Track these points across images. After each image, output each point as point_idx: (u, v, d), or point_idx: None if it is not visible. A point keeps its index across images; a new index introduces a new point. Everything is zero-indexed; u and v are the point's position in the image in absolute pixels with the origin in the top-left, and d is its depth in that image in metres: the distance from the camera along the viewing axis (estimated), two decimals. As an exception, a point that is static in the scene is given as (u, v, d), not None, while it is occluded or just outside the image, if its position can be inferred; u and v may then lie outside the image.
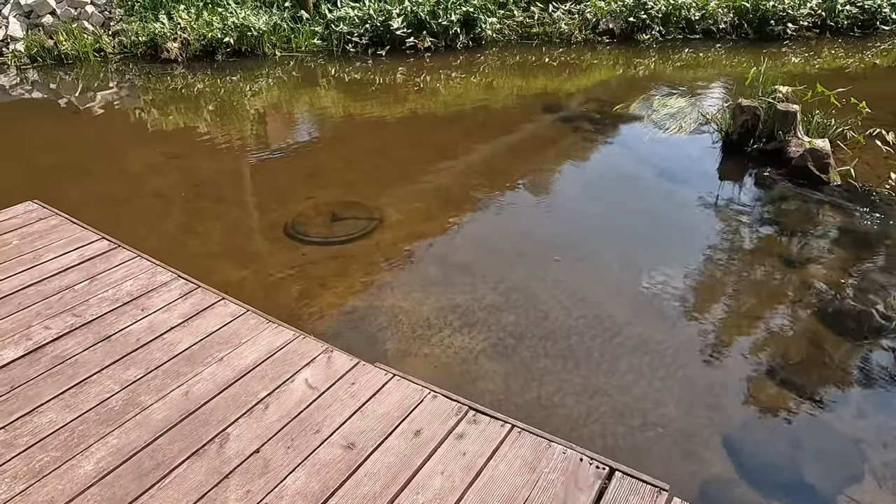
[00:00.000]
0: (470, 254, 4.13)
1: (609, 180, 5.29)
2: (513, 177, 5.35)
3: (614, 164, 5.59)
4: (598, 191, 5.10)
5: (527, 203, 4.87)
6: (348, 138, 6.30)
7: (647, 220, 4.65)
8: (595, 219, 4.66)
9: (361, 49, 9.39)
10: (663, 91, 7.67)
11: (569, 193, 5.10)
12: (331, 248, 4.23)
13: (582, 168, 5.56)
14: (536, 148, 6.01)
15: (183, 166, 5.57)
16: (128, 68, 8.86)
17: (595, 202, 4.91)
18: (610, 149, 5.91)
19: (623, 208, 4.81)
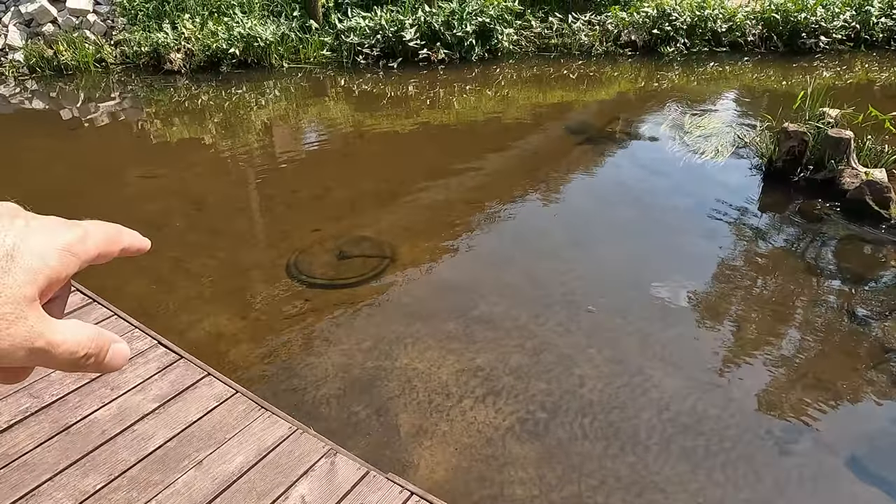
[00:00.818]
0: (493, 302, 3.69)
1: (642, 212, 4.83)
2: (536, 211, 4.91)
3: (647, 194, 5.13)
4: (630, 226, 4.64)
5: (553, 242, 4.42)
6: (358, 159, 5.89)
7: (688, 262, 4.18)
8: (630, 260, 4.20)
9: (372, 61, 8.99)
10: (692, 108, 7.20)
11: (598, 229, 4.64)
12: (338, 293, 3.80)
13: (611, 199, 5.11)
14: (561, 174, 5.57)
15: (180, 190, 5.17)
16: (129, 79, 8.51)
17: (628, 239, 4.45)
18: (641, 176, 5.46)
19: (659, 247, 4.35)
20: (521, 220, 4.72)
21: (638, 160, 5.72)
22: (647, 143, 6.17)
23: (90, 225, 0.44)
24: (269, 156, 6.13)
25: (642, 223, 4.65)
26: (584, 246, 4.36)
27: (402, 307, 3.66)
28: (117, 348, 0.43)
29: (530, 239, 4.42)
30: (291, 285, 3.88)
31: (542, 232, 4.52)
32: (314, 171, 5.62)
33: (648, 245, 4.36)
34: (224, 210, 4.86)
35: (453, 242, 4.37)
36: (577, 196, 5.13)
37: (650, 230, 4.55)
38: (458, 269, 4.06)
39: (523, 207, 4.93)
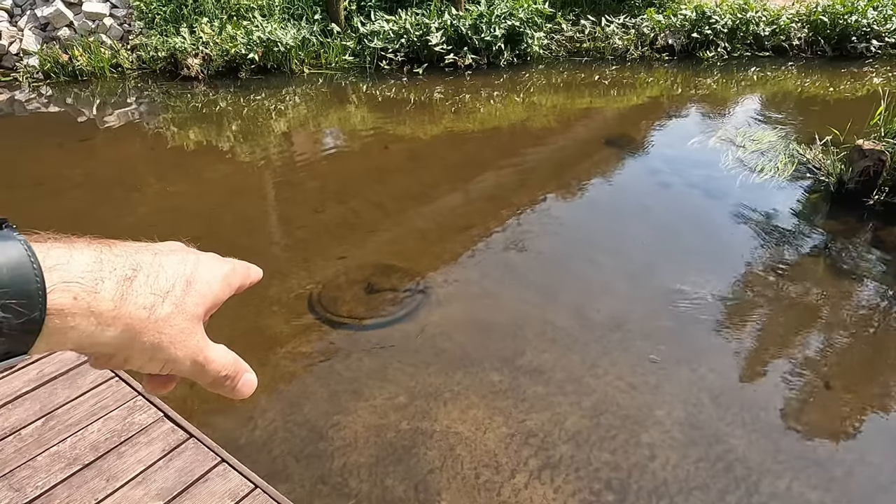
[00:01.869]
0: (541, 348, 3.27)
1: (703, 241, 4.38)
2: (581, 236, 4.48)
3: (706, 220, 4.67)
4: (691, 257, 4.19)
5: (604, 274, 3.99)
6: (384, 174, 5.50)
7: (762, 302, 3.73)
8: (693, 299, 3.75)
9: (396, 66, 8.60)
10: (739, 118, 6.71)
11: (655, 260, 4.19)
12: (367, 334, 3.41)
13: (666, 225, 4.65)
14: (606, 194, 5.13)
15: (194, 209, 4.82)
16: (145, 85, 8.22)
17: (690, 273, 4.00)
18: (695, 198, 4.99)
19: (727, 283, 3.89)
20: (564, 247, 4.29)
21: (690, 179, 5.26)
22: (695, 158, 5.70)
23: (234, 261, 0.55)
24: (290, 169, 5.76)
25: (705, 254, 4.20)
26: (639, 279, 3.92)
27: (440, 353, 3.25)
28: (248, 378, 0.54)
29: (578, 270, 3.99)
30: (315, 324, 3.49)
31: (591, 261, 4.09)
32: (337, 188, 5.24)
33: (715, 281, 3.90)
34: (240, 233, 4.50)
35: (491, 274, 3.95)
36: (627, 221, 4.69)
37: (715, 262, 4.10)
38: (500, 306, 3.65)
39: (566, 233, 4.51)
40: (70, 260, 0.41)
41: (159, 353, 0.44)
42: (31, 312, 0.38)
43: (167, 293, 0.45)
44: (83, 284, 0.41)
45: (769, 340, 3.36)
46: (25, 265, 0.38)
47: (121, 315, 0.42)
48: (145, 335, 0.43)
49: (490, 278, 3.91)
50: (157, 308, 0.44)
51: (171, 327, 0.44)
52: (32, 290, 0.38)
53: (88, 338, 0.41)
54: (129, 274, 0.44)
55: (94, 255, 0.43)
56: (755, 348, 3.30)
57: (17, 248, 0.39)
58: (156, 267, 0.46)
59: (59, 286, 0.40)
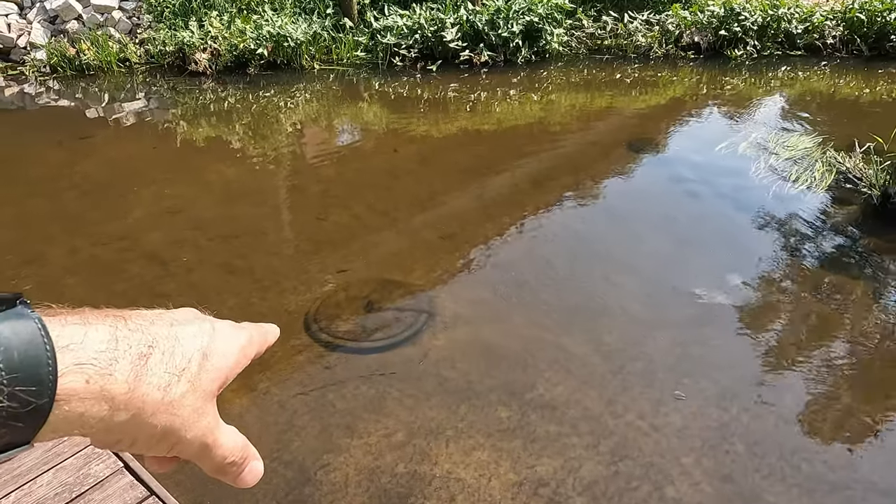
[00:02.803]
0: (553, 381, 2.97)
1: (735, 258, 4.04)
2: (601, 251, 4.17)
3: (733, 232, 4.33)
4: (717, 274, 3.85)
5: (622, 297, 3.67)
6: (392, 179, 5.22)
7: (800, 330, 3.39)
8: (722, 325, 3.43)
9: (409, 63, 8.31)
10: (771, 122, 6.32)
11: (682, 278, 3.87)
12: (365, 359, 3.14)
13: (692, 238, 4.32)
14: (627, 203, 4.80)
15: (193, 214, 4.59)
16: (153, 80, 8.03)
17: (716, 295, 3.67)
18: (724, 208, 4.65)
19: (757, 306, 3.56)
20: (581, 263, 3.98)
21: (718, 189, 4.90)
22: (724, 165, 5.34)
23: (250, 327, 0.51)
24: (293, 171, 5.52)
25: (735, 273, 3.85)
26: (662, 301, 3.60)
27: (443, 382, 2.97)
28: (254, 466, 0.48)
29: (595, 289, 3.68)
30: (310, 345, 3.23)
31: (610, 280, 3.78)
32: (342, 193, 4.98)
33: (747, 305, 3.57)
34: (239, 240, 4.25)
35: (502, 292, 3.66)
36: (650, 235, 4.36)
37: (746, 283, 3.75)
38: (510, 330, 3.36)
39: (584, 247, 4.20)
40: (84, 338, 0.39)
41: (170, 435, 0.42)
42: (39, 399, 0.36)
43: (183, 371, 0.43)
44: (97, 366, 0.38)
45: (810, 377, 3.03)
46: (38, 346, 0.36)
47: (134, 397, 0.40)
48: (158, 417, 0.41)
49: (501, 297, 3.62)
50: (172, 388, 0.42)
51: (184, 407, 0.42)
52: (43, 374, 0.36)
53: (98, 423, 0.39)
54: (145, 351, 0.41)
55: (109, 332, 0.40)
56: (794, 385, 2.97)
57: (30, 328, 0.37)
58: (171, 341, 0.43)
59: (72, 368, 0.37)
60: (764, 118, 6.58)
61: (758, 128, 6.16)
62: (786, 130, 6.03)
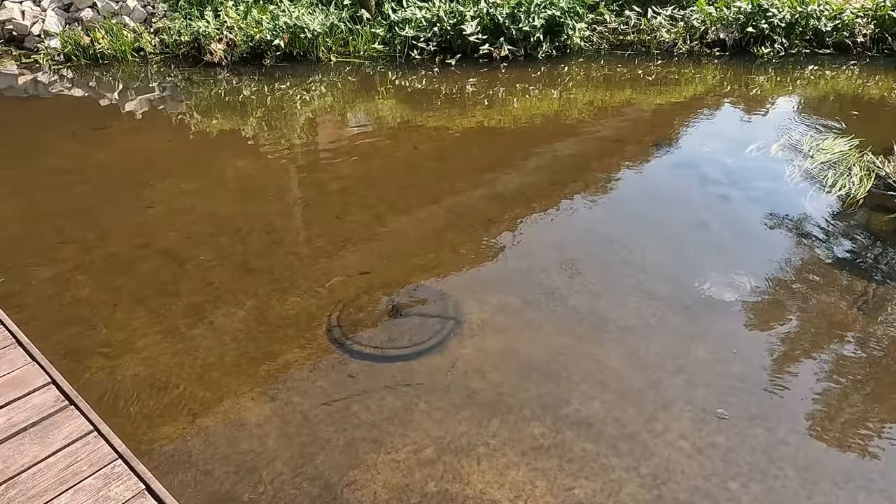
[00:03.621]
0: (589, 394, 2.83)
1: (767, 267, 3.87)
2: (634, 256, 4.01)
3: (769, 240, 4.16)
4: (755, 284, 3.69)
5: (660, 303, 3.52)
6: (414, 177, 5.08)
7: (848, 344, 3.23)
8: (766, 339, 3.28)
9: (428, 56, 8.14)
10: (802, 123, 6.12)
11: (719, 286, 3.70)
12: (390, 368, 3.01)
13: (727, 245, 4.15)
14: (657, 206, 4.64)
15: (211, 210, 4.46)
16: (168, 70, 7.90)
17: (757, 307, 3.52)
18: (758, 214, 4.47)
19: (801, 319, 3.40)
20: (613, 268, 3.83)
21: (751, 193, 4.72)
22: (756, 168, 5.16)
23: None
24: (312, 167, 5.38)
25: (775, 284, 3.69)
26: (700, 311, 3.44)
27: (473, 395, 2.84)
28: None
29: (629, 297, 3.53)
30: (333, 352, 3.10)
31: (643, 287, 3.62)
32: (361, 191, 4.84)
33: (791, 317, 3.41)
34: (257, 239, 4.13)
35: (531, 298, 3.52)
36: (684, 240, 4.20)
37: (787, 294, 3.59)
38: (541, 338, 3.21)
39: (615, 252, 4.04)
40: None
41: None
42: None
43: None
44: None
45: (861, 395, 2.87)
46: None
47: None
48: None
49: (529, 304, 3.48)
50: None
51: None
52: None
53: None
54: None
55: None
56: (843, 404, 2.82)
57: None
58: None
59: None
60: (794, 119, 6.37)
61: (788, 129, 5.97)
62: (818, 132, 5.83)
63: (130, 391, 2.84)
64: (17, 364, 2.23)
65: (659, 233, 4.25)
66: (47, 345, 3.09)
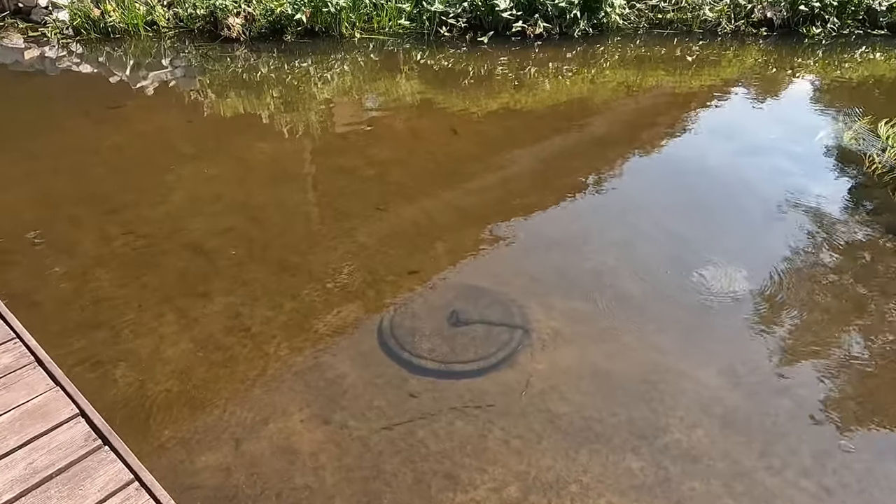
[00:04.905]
0: (687, 420, 2.47)
1: (861, 272, 3.48)
2: (713, 258, 3.62)
3: (862, 243, 3.76)
4: (861, 295, 3.30)
5: (751, 312, 3.14)
6: (456, 165, 4.68)
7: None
8: (882, 353, 2.90)
9: (458, 34, 7.67)
10: (868, 109, 5.67)
11: (818, 293, 3.31)
12: (455, 386, 2.65)
13: (816, 248, 3.76)
14: (731, 199, 4.23)
15: (237, 198, 4.08)
16: (182, 46, 7.46)
17: (873, 322, 3.13)
18: (843, 211, 4.06)
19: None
20: (690, 271, 3.44)
21: (831, 186, 4.31)
22: (831, 159, 4.74)
23: None
24: (343, 152, 4.97)
25: (878, 295, 3.30)
26: (800, 325, 3.06)
27: (554, 420, 2.48)
28: None
29: (711, 306, 3.15)
30: (388, 366, 2.74)
31: (729, 296, 3.23)
32: (401, 180, 4.45)
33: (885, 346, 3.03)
34: (292, 231, 3.75)
35: (603, 303, 3.14)
36: (767, 239, 3.80)
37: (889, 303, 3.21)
38: (622, 351, 2.84)
39: (689, 251, 3.65)
40: None
41: None
42: None
43: None
44: None
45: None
46: None
47: None
48: None
49: (601, 310, 3.10)
50: None
51: None
52: None
53: None
54: None
55: None
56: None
57: None
58: None
59: None
60: (857, 104, 5.92)
61: (854, 115, 5.52)
62: (887, 119, 5.38)
63: (164, 411, 2.50)
64: (38, 389, 1.87)
65: (738, 230, 3.86)
66: (66, 352, 2.74)
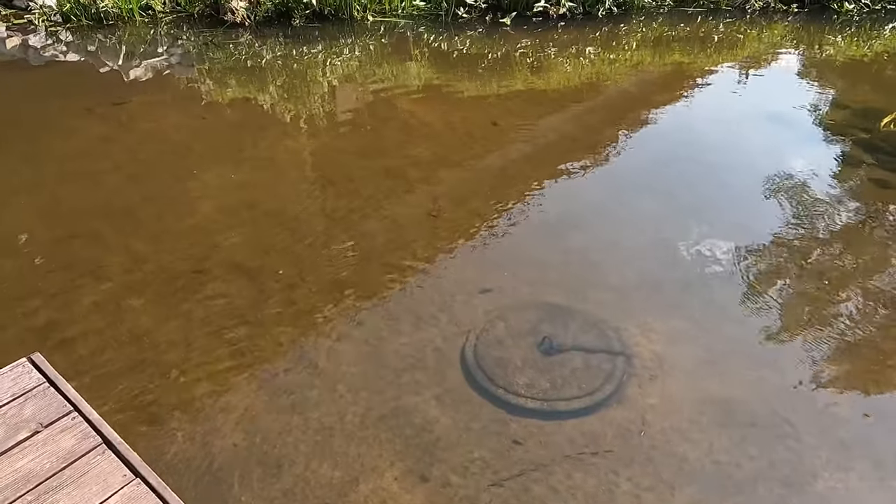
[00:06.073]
0: (842, 466, 2.18)
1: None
2: (816, 265, 3.32)
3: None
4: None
5: (881, 335, 2.86)
6: (505, 161, 4.31)
7: None
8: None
9: (477, 14, 7.23)
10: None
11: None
12: (563, 428, 2.33)
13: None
14: (817, 188, 3.93)
15: (272, 207, 3.69)
16: (180, 32, 6.94)
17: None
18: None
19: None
20: (794, 281, 3.14)
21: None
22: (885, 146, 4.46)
23: None
24: (380, 150, 4.57)
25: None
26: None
27: (685, 466, 2.18)
28: None
29: (829, 318, 2.86)
30: (482, 405, 2.41)
31: (859, 311, 2.95)
32: (447, 178, 4.08)
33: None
34: (341, 245, 3.38)
35: (702, 321, 2.84)
36: (870, 238, 3.51)
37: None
38: (736, 379, 2.54)
39: (788, 261, 3.35)
40: None
41: None
42: None
43: None
44: None
45: None
46: None
47: None
48: None
49: (703, 328, 2.80)
50: None
51: None
52: None
53: None
54: None
55: None
56: None
57: None
58: None
59: None
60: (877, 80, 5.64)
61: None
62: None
63: (234, 472, 2.15)
64: (114, 483, 1.51)
65: (833, 229, 3.56)
66: (109, 401, 2.38)
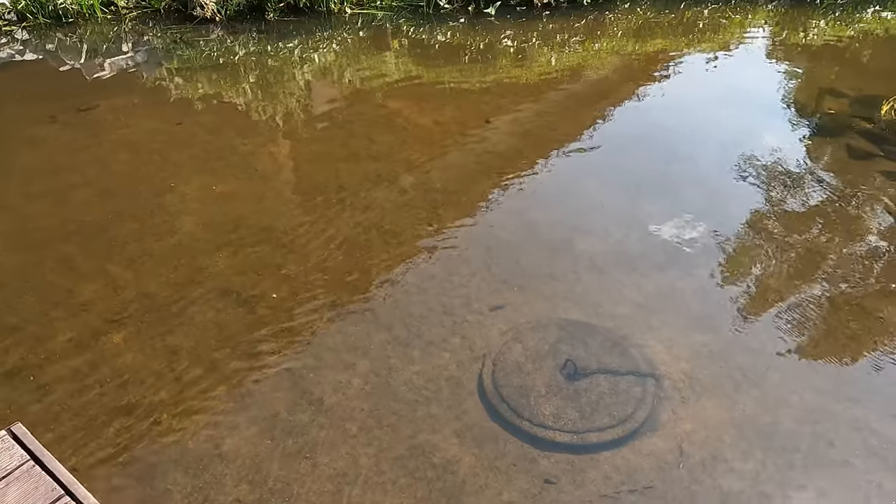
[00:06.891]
0: (893, 488, 2.06)
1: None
2: (845, 272, 3.20)
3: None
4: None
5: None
6: (504, 163, 4.11)
7: None
8: None
9: (459, 4, 6.98)
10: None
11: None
12: (596, 463, 2.16)
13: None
14: (841, 174, 3.81)
15: (260, 222, 3.43)
16: (146, 29, 6.55)
17: None
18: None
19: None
20: (815, 289, 3.02)
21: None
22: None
23: None
24: (372, 157, 4.32)
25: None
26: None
27: (730, 500, 2.03)
28: None
29: (863, 332, 2.74)
30: (507, 441, 2.23)
31: (874, 310, 2.83)
32: (445, 186, 3.86)
33: None
34: (339, 264, 3.15)
35: (730, 336, 2.69)
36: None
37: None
38: (773, 399, 2.40)
39: (805, 267, 3.23)
40: None
41: None
42: None
43: None
44: None
45: None
46: None
47: None
48: None
49: (729, 340, 2.65)
50: None
51: None
52: None
53: None
54: None
55: None
56: None
57: None
58: None
59: None
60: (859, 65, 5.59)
61: None
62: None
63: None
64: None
65: (865, 231, 3.45)
66: (91, 453, 2.13)
